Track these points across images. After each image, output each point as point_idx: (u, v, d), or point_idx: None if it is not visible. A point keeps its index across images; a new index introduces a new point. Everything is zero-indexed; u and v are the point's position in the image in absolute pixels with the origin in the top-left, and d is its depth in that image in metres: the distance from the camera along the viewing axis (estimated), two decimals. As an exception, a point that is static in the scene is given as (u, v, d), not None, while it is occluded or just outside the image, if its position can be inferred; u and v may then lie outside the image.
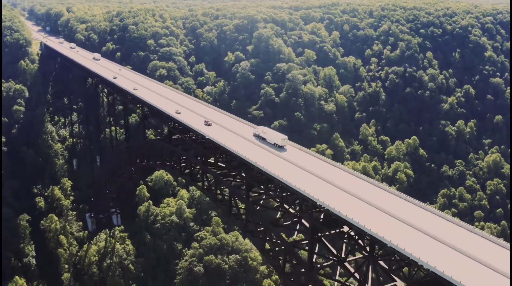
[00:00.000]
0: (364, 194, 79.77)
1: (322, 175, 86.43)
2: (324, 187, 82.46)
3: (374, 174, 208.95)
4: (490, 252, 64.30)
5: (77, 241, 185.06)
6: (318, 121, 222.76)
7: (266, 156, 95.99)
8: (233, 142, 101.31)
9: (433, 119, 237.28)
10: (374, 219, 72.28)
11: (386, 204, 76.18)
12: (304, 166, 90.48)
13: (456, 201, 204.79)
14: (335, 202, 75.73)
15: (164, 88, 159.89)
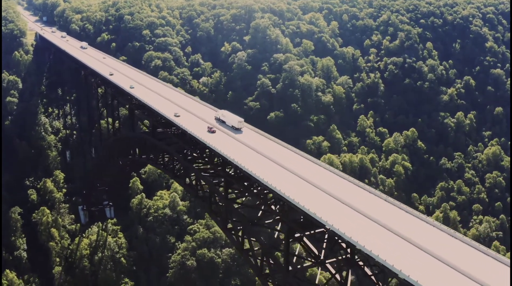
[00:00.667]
0: (314, 178, 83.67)
1: (273, 157, 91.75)
2: (275, 169, 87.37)
3: (371, 167, 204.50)
4: (470, 259, 63.23)
5: (69, 234, 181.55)
6: (315, 112, 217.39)
7: (222, 137, 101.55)
8: (195, 126, 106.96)
9: (432, 111, 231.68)
10: (339, 214, 72.06)
11: (342, 193, 78.96)
12: (255, 146, 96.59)
13: (454, 194, 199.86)
14: (283, 185, 78.77)
15: (141, 75, 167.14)
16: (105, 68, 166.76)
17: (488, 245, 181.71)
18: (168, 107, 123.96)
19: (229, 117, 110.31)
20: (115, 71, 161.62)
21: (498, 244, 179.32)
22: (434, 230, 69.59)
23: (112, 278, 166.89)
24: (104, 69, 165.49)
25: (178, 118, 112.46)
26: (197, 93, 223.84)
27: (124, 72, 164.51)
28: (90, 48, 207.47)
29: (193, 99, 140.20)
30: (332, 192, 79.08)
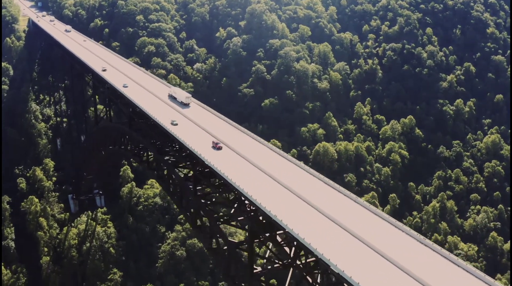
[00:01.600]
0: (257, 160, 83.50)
1: (210, 130, 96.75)
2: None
3: (367, 155, 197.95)
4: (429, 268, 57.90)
5: (58, 223, 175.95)
6: (311, 99, 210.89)
7: (169, 111, 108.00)
8: (148, 101, 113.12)
9: (431, 98, 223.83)
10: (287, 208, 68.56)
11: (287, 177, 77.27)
12: (196, 119, 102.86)
13: (452, 184, 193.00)
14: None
15: (115, 57, 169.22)
16: (83, 51, 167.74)
17: (485, 235, 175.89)
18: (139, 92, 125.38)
19: (179, 94, 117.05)
20: (90, 53, 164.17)
21: (495, 234, 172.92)
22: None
23: (101, 268, 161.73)
24: (82, 51, 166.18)
25: (126, 89, 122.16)
26: (191, 79, 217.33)
27: (99, 54, 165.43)
28: (73, 31, 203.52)
29: (145, 73, 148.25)
30: (278, 178, 78.05)
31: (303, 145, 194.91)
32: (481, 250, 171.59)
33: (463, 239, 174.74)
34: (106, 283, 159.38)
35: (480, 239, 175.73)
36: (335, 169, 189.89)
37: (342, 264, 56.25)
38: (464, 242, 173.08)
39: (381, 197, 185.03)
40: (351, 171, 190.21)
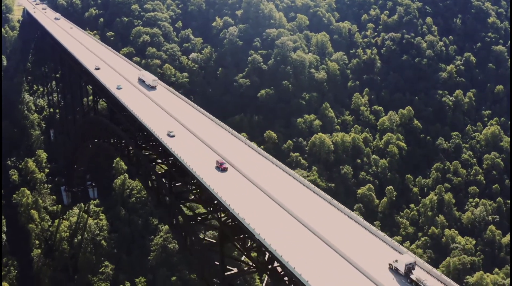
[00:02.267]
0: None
1: (171, 111, 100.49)
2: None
3: (364, 146, 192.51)
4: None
5: (50, 215, 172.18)
6: (308, 90, 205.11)
7: (136, 94, 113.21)
8: (117, 84, 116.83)
9: (430, 89, 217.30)
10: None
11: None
12: (158, 101, 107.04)
13: (450, 176, 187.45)
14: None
15: (98, 44, 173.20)
16: (65, 35, 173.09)
17: (483, 229, 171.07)
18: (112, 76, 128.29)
19: (147, 77, 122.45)
20: (71, 37, 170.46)
21: (494, 228, 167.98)
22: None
23: (92, 261, 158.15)
24: (62, 35, 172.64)
25: (98, 71, 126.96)
26: (186, 69, 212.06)
27: (80, 39, 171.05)
28: (62, 19, 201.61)
29: (134, 66, 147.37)
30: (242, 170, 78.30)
31: (299, 136, 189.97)
32: (479, 244, 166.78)
33: (461, 232, 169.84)
34: (97, 276, 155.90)
35: (478, 232, 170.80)
36: (331, 160, 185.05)
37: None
38: (461, 235, 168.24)
39: (378, 189, 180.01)
40: (347, 163, 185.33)
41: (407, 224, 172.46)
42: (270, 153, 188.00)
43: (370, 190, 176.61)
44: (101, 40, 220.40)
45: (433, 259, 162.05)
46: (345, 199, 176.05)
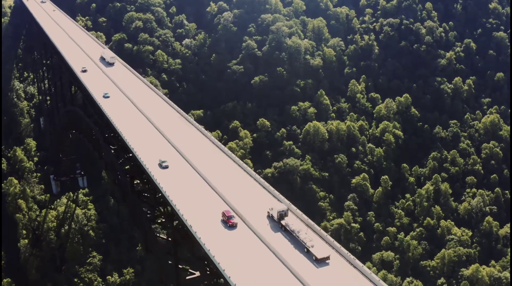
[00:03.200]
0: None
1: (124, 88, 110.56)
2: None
3: (359, 135, 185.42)
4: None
5: (39, 205, 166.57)
6: (303, 77, 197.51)
7: (94, 69, 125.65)
8: (80, 61, 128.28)
9: (429, 76, 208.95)
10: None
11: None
12: (112, 77, 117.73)
13: (448, 165, 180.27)
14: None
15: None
16: (48, 19, 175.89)
17: (480, 220, 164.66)
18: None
19: (106, 54, 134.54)
20: (50, 18, 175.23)
21: (491, 219, 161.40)
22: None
23: (80, 251, 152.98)
24: (46, 19, 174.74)
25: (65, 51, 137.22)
26: (179, 55, 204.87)
27: (58, 21, 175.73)
28: (48, 2, 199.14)
29: (100, 45, 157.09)
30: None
31: (293, 124, 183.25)
32: (475, 235, 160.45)
33: (457, 223, 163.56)
34: (85, 266, 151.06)
35: (475, 223, 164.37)
36: (325, 149, 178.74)
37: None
38: (458, 226, 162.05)
39: (373, 179, 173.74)
40: (342, 151, 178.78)
41: (402, 214, 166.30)
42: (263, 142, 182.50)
43: (365, 180, 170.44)
44: (93, 26, 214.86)
45: (428, 250, 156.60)
46: (339, 189, 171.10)
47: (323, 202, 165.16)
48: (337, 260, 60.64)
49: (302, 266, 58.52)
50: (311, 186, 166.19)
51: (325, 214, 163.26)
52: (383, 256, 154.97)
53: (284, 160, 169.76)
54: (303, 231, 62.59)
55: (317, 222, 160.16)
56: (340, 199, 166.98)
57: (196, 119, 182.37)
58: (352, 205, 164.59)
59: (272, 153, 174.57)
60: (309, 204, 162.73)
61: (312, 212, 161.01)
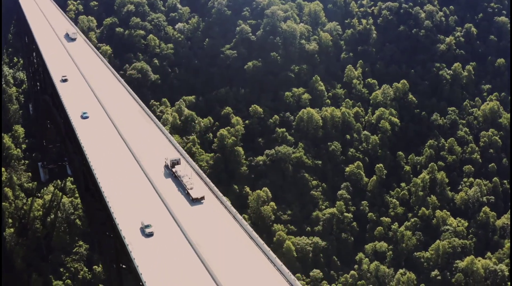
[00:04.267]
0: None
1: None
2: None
3: (355, 122, 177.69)
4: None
5: (26, 193, 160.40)
6: (297, 62, 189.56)
7: (57, 44, 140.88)
8: (46, 38, 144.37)
9: (427, 61, 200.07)
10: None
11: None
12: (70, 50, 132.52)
13: (445, 154, 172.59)
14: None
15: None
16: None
17: (477, 210, 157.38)
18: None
19: (70, 31, 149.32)
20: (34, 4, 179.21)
21: (488, 210, 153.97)
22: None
23: (66, 240, 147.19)
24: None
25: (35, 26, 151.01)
26: (172, 40, 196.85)
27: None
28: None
29: (70, 22, 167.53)
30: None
31: (287, 111, 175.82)
32: (471, 226, 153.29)
33: (453, 213, 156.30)
34: (71, 256, 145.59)
35: (471, 214, 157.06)
36: (319, 136, 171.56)
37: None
38: (454, 217, 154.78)
39: (367, 167, 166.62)
40: (336, 139, 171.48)
41: (397, 204, 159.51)
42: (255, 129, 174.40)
43: (358, 168, 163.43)
44: (84, 10, 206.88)
45: (422, 241, 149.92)
46: (332, 178, 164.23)
47: (316, 191, 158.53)
48: (211, 201, 73.94)
49: (179, 205, 72.53)
50: (303, 175, 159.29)
51: (318, 203, 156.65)
52: (376, 247, 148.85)
53: (276, 147, 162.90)
54: (187, 176, 76.52)
55: (309, 212, 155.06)
56: (333, 188, 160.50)
57: (188, 105, 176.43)
58: (345, 194, 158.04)
59: (265, 141, 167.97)
60: (301, 193, 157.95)
61: (304, 201, 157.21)
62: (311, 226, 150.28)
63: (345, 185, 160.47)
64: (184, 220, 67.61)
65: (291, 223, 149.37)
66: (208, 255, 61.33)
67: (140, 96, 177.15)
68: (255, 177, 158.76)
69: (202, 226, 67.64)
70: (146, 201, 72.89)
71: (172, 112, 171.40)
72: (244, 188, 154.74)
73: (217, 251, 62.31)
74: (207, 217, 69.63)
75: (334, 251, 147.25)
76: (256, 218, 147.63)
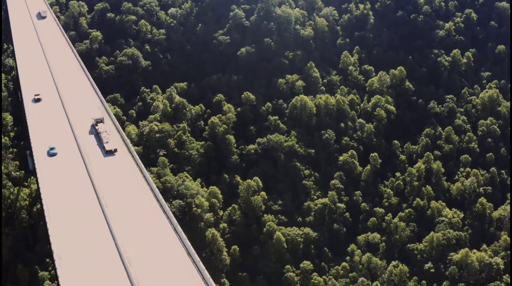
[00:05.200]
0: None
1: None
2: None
3: (349, 110, 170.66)
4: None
5: (14, 182, 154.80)
6: (292, 48, 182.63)
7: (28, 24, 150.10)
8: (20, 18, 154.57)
9: (426, 48, 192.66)
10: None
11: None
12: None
13: (441, 143, 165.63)
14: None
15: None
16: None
17: (473, 201, 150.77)
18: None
19: (42, 9, 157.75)
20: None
21: (484, 201, 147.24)
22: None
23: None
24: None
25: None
26: (164, 25, 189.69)
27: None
28: None
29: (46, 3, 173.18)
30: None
31: (280, 98, 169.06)
32: (467, 217, 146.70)
33: (449, 204, 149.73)
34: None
35: (467, 205, 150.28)
36: (313, 124, 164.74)
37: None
38: (449, 208, 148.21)
39: (361, 156, 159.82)
40: (330, 127, 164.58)
41: (391, 194, 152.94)
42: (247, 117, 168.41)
43: (352, 157, 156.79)
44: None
45: (416, 233, 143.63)
46: (325, 167, 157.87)
47: (308, 181, 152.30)
48: (124, 154, 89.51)
49: (93, 156, 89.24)
50: (296, 164, 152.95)
51: (310, 193, 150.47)
52: (369, 238, 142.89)
53: (268, 136, 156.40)
54: (105, 132, 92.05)
55: (301, 202, 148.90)
56: (326, 177, 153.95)
57: (179, 92, 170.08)
58: (338, 184, 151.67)
59: (257, 129, 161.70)
60: (293, 182, 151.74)
61: (296, 191, 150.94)
62: (303, 217, 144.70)
63: (338, 174, 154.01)
64: (95, 167, 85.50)
65: (282, 214, 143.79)
66: (108, 200, 76.97)
67: (130, 82, 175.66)
68: (246, 166, 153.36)
69: (109, 173, 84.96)
70: (67, 154, 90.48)
71: (163, 99, 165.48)
72: (235, 177, 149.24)
73: (116, 195, 78.91)
74: (116, 166, 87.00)
75: (325, 242, 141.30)
76: (246, 208, 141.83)
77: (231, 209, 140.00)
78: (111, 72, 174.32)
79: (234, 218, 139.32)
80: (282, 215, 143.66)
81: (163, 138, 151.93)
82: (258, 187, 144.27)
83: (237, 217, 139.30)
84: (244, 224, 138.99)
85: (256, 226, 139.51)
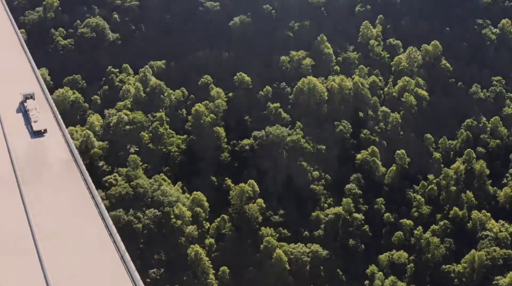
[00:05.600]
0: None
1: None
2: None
3: (370, 95, 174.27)
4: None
5: None
6: (298, 17, 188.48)
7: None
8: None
9: (467, 17, 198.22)
10: None
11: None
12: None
13: (486, 137, 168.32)
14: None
15: None
16: None
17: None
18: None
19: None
20: None
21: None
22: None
23: None
24: None
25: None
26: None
27: None
28: None
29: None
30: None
31: (282, 80, 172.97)
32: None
33: (495, 215, 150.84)
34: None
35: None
36: (323, 114, 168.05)
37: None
38: (495, 219, 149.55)
39: (384, 154, 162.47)
40: (346, 117, 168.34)
41: (422, 201, 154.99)
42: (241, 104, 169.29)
43: (373, 155, 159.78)
44: None
45: (453, 251, 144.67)
46: (339, 167, 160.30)
47: (317, 185, 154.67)
48: (54, 134, 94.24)
49: (19, 137, 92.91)
50: (301, 164, 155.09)
51: (319, 201, 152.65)
52: (393, 257, 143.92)
53: (267, 128, 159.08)
54: (34, 110, 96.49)
55: (307, 212, 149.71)
56: (340, 180, 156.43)
57: (156, 73, 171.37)
58: (355, 189, 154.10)
59: (252, 119, 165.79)
60: (297, 187, 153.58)
61: (301, 198, 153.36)
62: (310, 231, 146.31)
63: (356, 177, 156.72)
64: (20, 151, 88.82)
65: (283, 226, 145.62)
66: (28, 186, 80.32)
67: (94, 61, 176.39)
68: (239, 166, 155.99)
69: (35, 157, 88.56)
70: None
71: (135, 82, 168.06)
72: (225, 180, 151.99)
73: (39, 179, 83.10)
74: (43, 149, 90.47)
75: (338, 263, 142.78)
76: (239, 219, 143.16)
77: (219, 221, 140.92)
78: (70, 47, 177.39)
79: (223, 231, 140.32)
80: (284, 228, 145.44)
81: (135, 130, 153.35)
82: (253, 193, 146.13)
83: (227, 230, 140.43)
84: (236, 240, 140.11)
85: (251, 242, 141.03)
